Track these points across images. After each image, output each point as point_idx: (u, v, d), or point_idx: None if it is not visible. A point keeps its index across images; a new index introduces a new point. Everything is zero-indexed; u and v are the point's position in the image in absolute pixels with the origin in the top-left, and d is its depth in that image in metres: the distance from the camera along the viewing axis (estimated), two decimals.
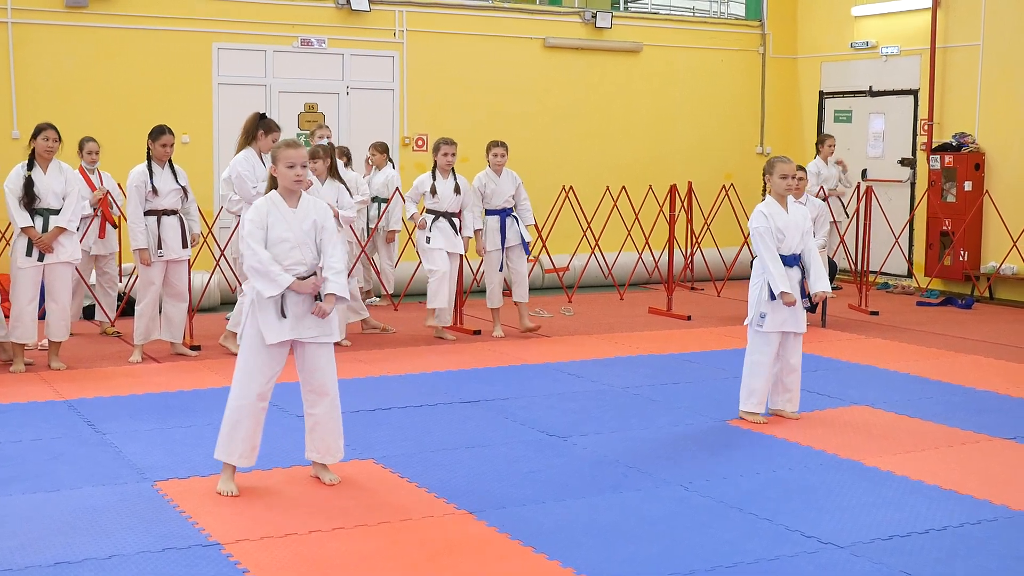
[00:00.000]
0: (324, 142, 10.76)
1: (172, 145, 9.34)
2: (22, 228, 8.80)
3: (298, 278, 5.88)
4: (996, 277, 13.50)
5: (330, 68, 13.66)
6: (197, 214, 9.71)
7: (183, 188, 9.44)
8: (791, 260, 7.45)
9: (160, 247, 9.31)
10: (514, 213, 10.72)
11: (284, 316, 5.88)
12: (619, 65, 15.39)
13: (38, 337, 9.16)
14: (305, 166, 5.93)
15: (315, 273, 5.97)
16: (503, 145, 10.67)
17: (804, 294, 7.52)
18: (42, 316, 9.09)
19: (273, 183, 6.02)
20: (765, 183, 7.55)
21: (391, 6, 13.99)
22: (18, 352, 9.00)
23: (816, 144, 14.21)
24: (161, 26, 12.78)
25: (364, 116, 13.62)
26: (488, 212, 10.65)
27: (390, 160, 12.64)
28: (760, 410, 7.51)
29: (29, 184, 8.79)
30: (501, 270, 10.75)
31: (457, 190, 10.39)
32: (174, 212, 9.40)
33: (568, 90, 15.05)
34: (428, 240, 10.34)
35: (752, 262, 7.68)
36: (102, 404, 7.85)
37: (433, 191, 10.33)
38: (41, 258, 8.85)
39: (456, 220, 10.46)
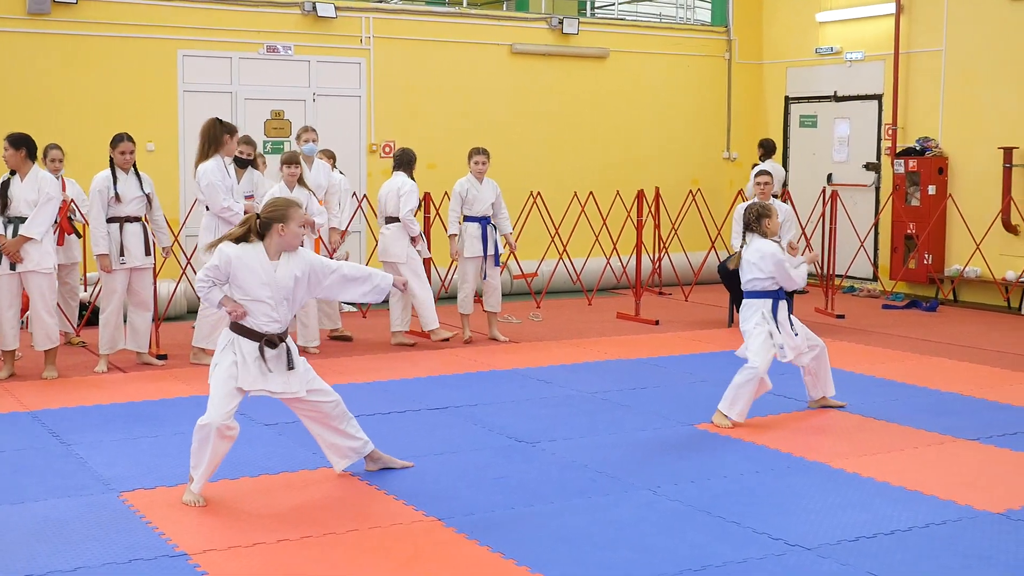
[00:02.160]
0: (311, 147, 10.72)
1: (132, 152, 9.29)
2: None
3: None
4: (960, 280, 13.61)
5: (296, 75, 13.61)
6: (165, 225, 9.64)
7: (147, 196, 9.38)
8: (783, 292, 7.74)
9: (122, 254, 9.25)
10: (493, 222, 10.75)
11: (270, 371, 5.92)
12: (586, 71, 15.43)
13: (19, 345, 9.16)
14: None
15: None
16: (485, 152, 10.71)
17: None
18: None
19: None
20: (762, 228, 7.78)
21: (357, 12, 13.96)
22: (7, 359, 9.08)
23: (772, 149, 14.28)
24: (125, 33, 12.70)
25: (331, 123, 13.57)
26: (468, 219, 10.67)
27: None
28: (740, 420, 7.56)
29: (4, 188, 8.81)
30: (486, 278, 10.77)
31: None
32: (137, 219, 9.34)
33: (535, 96, 15.07)
34: (421, 253, 10.49)
35: (740, 291, 7.85)
36: (67, 415, 7.79)
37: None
38: (13, 266, 8.82)
39: None
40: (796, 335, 7.69)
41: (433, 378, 9.14)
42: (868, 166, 15.10)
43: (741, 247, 7.83)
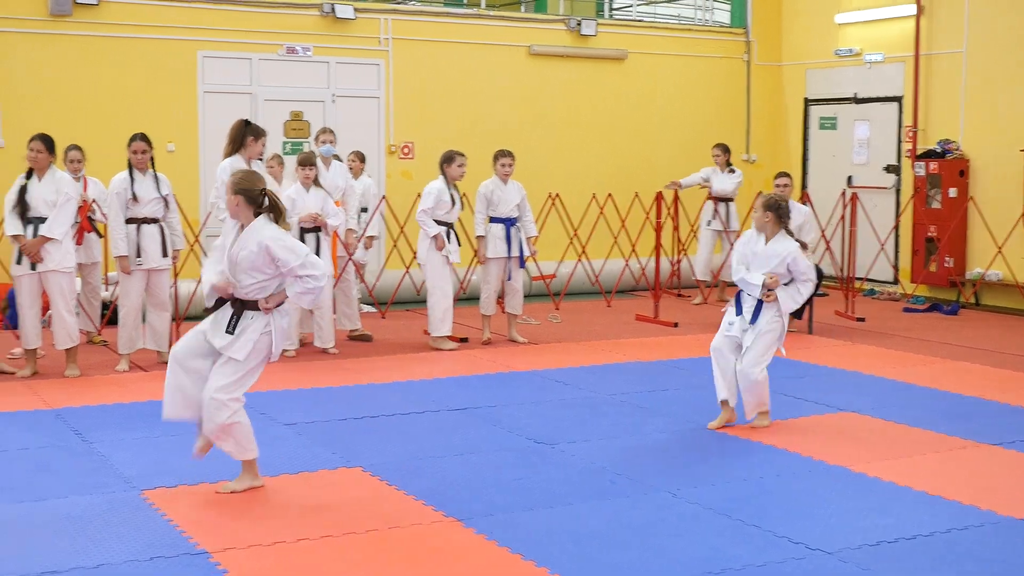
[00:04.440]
0: (328, 147, 10.74)
1: (144, 152, 9.32)
2: (10, 236, 8.88)
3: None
4: (981, 283, 13.55)
5: (315, 76, 13.64)
6: (180, 227, 9.67)
7: (164, 197, 9.42)
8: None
9: (139, 255, 9.30)
10: (518, 223, 10.75)
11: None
12: (604, 73, 15.42)
13: (42, 343, 9.21)
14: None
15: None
16: (510, 155, 10.70)
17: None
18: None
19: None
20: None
21: (376, 14, 13.99)
22: (29, 357, 9.16)
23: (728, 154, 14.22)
24: (146, 34, 12.76)
25: (350, 124, 13.59)
26: (493, 220, 10.68)
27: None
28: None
29: (23, 192, 8.87)
30: (510, 279, 10.75)
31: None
32: (155, 220, 9.37)
33: (553, 98, 15.07)
34: (449, 256, 10.44)
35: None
36: (89, 413, 7.83)
37: (453, 202, 10.42)
38: (34, 266, 8.88)
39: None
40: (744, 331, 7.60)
41: (452, 379, 9.15)
42: (888, 168, 15.05)
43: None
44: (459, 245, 10.63)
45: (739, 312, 7.60)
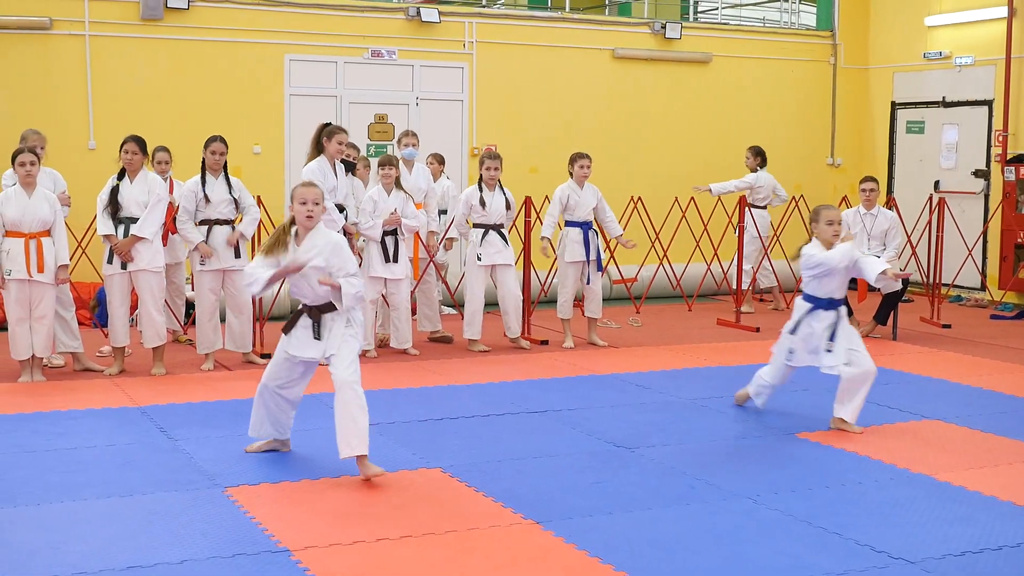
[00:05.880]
0: (411, 151, 10.84)
1: (223, 154, 9.50)
2: (102, 235, 9.07)
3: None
4: None
5: (400, 79, 13.76)
6: (250, 222, 9.75)
7: (236, 199, 9.55)
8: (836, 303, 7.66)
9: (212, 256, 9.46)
10: (595, 227, 10.74)
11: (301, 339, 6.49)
12: (688, 76, 15.34)
13: (130, 341, 9.39)
14: (318, 203, 6.34)
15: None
16: (587, 157, 10.69)
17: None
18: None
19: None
20: (811, 231, 7.75)
21: (461, 17, 14.06)
22: (117, 355, 9.35)
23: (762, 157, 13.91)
24: (234, 38, 12.96)
25: (433, 127, 13.69)
26: (570, 223, 10.67)
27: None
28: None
29: (115, 193, 9.05)
30: (589, 283, 10.75)
31: (508, 205, 10.57)
32: (227, 222, 9.51)
33: (637, 101, 15.03)
34: (479, 258, 10.41)
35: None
36: (174, 411, 7.96)
37: (483, 203, 10.41)
38: (124, 266, 9.06)
39: (504, 232, 10.60)
40: (829, 351, 7.55)
41: (532, 381, 9.16)
42: (977, 173, 14.79)
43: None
44: (507, 246, 10.57)
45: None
